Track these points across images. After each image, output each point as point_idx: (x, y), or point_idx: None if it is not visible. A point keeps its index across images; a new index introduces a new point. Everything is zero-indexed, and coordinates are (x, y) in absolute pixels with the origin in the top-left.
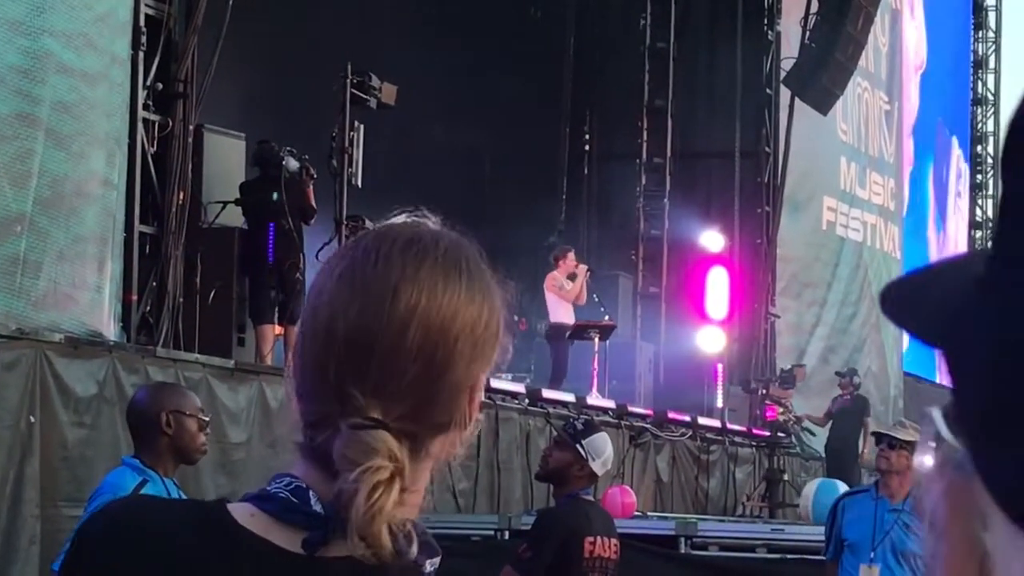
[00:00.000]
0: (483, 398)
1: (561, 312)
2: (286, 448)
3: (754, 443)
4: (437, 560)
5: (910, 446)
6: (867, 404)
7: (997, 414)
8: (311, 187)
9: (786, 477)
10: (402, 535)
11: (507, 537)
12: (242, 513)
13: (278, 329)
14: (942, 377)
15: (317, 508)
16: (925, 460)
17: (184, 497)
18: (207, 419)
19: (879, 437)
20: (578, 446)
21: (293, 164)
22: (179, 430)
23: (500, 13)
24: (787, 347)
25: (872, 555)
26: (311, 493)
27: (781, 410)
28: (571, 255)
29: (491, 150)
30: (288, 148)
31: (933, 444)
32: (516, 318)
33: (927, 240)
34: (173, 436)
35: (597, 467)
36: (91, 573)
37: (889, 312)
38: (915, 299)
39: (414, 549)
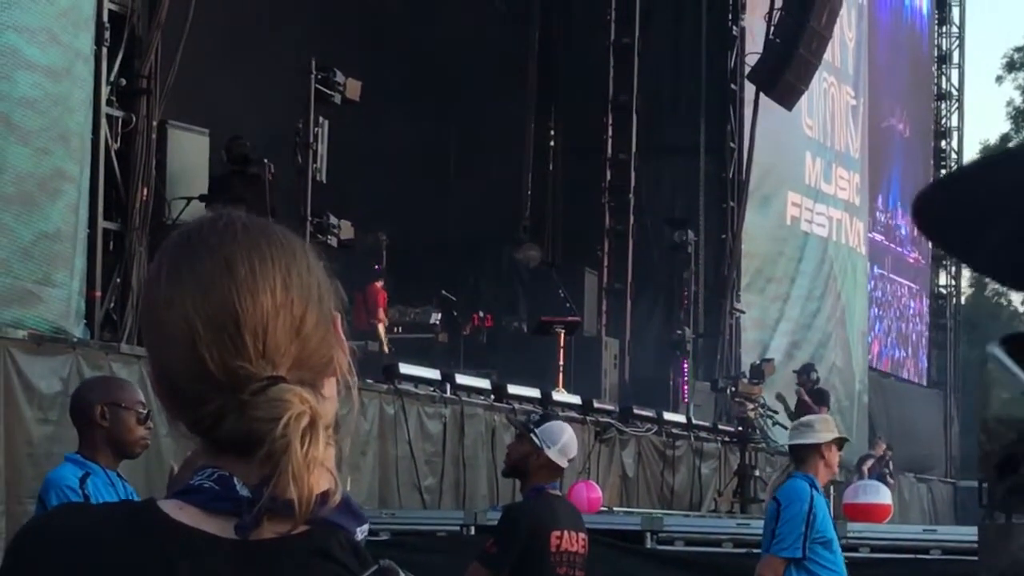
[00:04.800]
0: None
1: None
2: None
3: (720, 438)
4: (366, 528)
5: None
6: (824, 396)
7: None
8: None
9: (756, 473)
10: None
11: (473, 533)
12: (172, 508)
13: None
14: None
15: (244, 493)
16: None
17: (129, 488)
18: (145, 412)
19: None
20: (532, 436)
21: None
22: (115, 423)
23: (465, 7)
24: (751, 342)
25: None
26: (235, 479)
27: (751, 406)
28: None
29: (456, 145)
30: (246, 143)
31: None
32: (481, 314)
33: None
34: (109, 428)
35: (555, 455)
36: None
37: (937, 237)
38: (971, 226)
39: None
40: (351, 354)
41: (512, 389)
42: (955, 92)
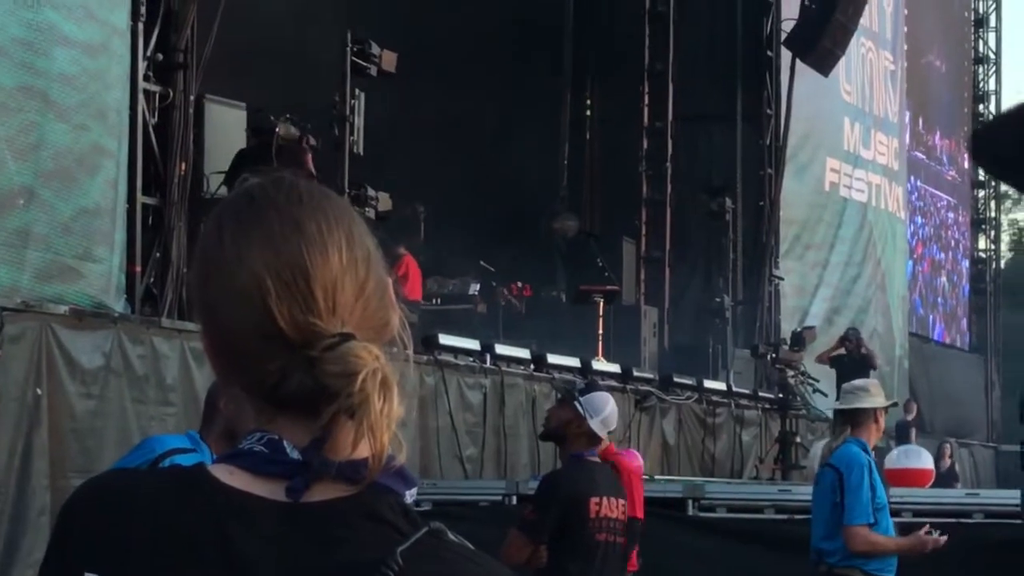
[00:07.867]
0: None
1: None
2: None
3: (760, 405)
4: (415, 491)
5: None
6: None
7: None
8: (310, 155)
9: (797, 439)
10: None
11: (515, 502)
12: (221, 472)
13: None
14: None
15: (294, 455)
16: None
17: None
18: None
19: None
20: (576, 404)
21: (292, 131)
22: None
23: None
24: (790, 309)
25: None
26: (284, 443)
27: (792, 373)
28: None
29: (492, 116)
30: (287, 116)
31: None
32: (520, 284)
33: None
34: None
35: (596, 425)
36: (77, 544)
37: (996, 169)
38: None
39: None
40: (402, 319)
41: (552, 358)
42: (992, 56)
